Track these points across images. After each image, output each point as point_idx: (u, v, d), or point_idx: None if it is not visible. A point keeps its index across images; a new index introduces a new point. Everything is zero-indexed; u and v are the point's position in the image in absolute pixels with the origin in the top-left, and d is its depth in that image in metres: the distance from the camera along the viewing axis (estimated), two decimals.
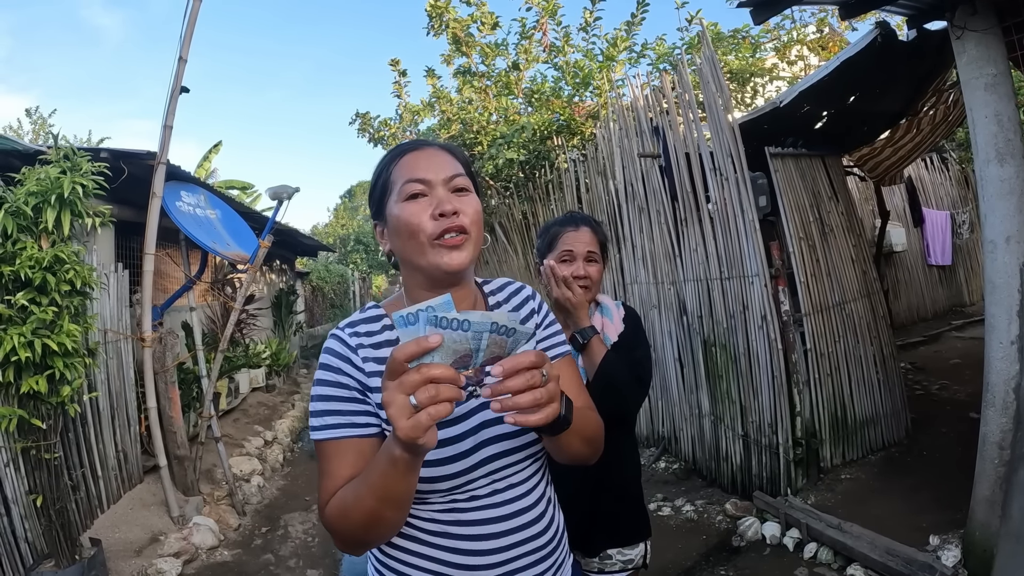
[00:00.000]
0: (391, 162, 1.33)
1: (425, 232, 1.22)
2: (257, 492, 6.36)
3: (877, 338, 5.50)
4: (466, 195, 1.29)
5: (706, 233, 5.18)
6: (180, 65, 4.91)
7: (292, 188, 5.81)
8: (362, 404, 1.24)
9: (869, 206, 10.03)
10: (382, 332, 1.30)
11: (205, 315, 9.22)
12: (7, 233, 3.82)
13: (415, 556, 1.26)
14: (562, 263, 2.08)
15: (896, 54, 4.50)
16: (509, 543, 1.25)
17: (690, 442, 5.80)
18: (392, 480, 1.05)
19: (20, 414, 3.82)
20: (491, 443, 1.26)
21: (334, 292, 24.64)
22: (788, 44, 11.40)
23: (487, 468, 1.26)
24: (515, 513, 1.27)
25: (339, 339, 1.28)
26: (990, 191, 3.39)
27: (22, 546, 3.96)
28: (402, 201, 1.26)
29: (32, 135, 18.32)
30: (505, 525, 1.26)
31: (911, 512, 4.15)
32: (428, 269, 1.24)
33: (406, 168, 1.29)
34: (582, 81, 9.99)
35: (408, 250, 1.26)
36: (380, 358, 1.26)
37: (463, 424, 1.24)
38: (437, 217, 1.22)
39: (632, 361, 2.04)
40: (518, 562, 1.26)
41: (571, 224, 2.15)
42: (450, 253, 1.22)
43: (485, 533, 1.24)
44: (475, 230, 1.26)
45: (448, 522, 1.24)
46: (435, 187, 1.25)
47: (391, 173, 1.31)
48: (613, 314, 2.15)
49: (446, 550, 1.24)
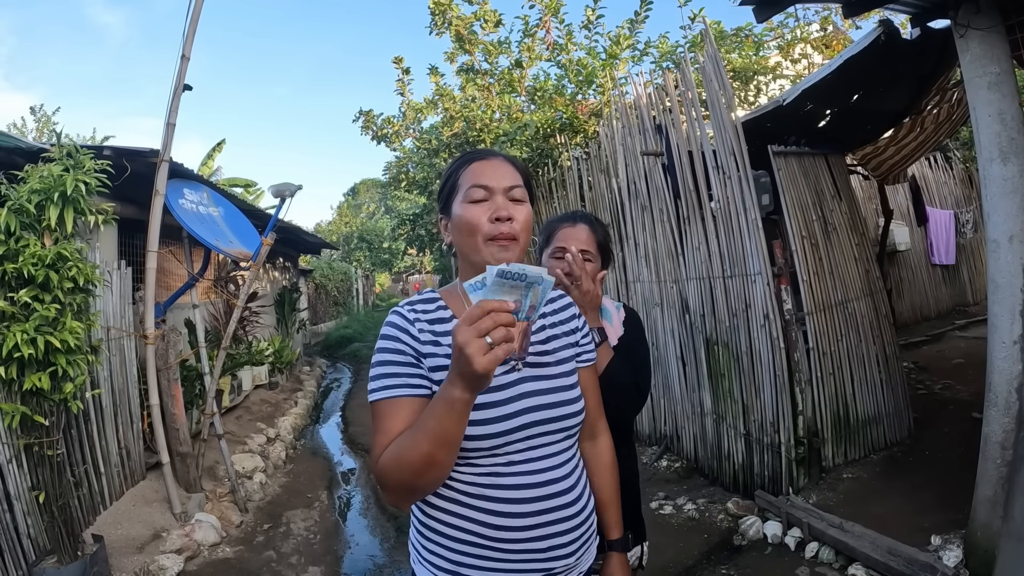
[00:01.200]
0: (461, 166, 1.54)
1: (481, 232, 1.44)
2: (259, 489, 6.36)
3: (880, 337, 5.49)
4: (521, 205, 1.49)
5: (709, 231, 5.18)
6: (183, 63, 4.92)
7: (295, 186, 5.81)
8: (416, 368, 1.43)
9: (872, 205, 10.01)
10: (436, 311, 1.51)
11: (208, 312, 9.25)
12: (10, 230, 3.83)
13: (454, 516, 1.42)
14: (554, 260, 2.03)
15: (900, 52, 4.49)
16: (542, 508, 1.40)
17: (692, 441, 5.80)
18: (448, 422, 1.22)
19: (23, 411, 3.84)
20: (530, 412, 1.43)
21: (337, 290, 24.68)
22: (791, 42, 11.38)
23: (525, 433, 1.42)
24: (549, 482, 1.43)
25: (400, 315, 1.50)
26: (993, 190, 3.38)
27: (24, 542, 3.97)
28: (466, 203, 1.47)
29: (36, 133, 18.35)
30: (539, 491, 1.41)
31: (913, 512, 4.14)
32: (480, 264, 1.39)
33: (473, 174, 1.50)
34: (585, 79, 9.98)
35: (466, 245, 1.47)
36: (433, 331, 1.47)
37: (506, 391, 1.43)
38: (493, 220, 1.44)
39: (631, 367, 2.00)
40: (549, 528, 1.41)
41: (568, 220, 2.10)
42: (500, 252, 1.43)
43: (520, 497, 1.40)
44: (523, 236, 1.47)
45: (487, 485, 1.40)
46: (496, 194, 1.47)
47: (460, 176, 1.52)
48: (613, 316, 2.12)
49: (483, 511, 1.39)
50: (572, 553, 1.45)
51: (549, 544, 1.41)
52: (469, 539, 1.40)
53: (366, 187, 43.14)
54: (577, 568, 1.50)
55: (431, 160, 11.21)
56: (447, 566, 1.42)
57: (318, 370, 14.82)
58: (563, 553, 1.43)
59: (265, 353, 10.45)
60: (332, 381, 14.77)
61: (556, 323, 1.62)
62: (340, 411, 11.29)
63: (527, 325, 1.26)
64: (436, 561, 1.45)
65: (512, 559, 1.39)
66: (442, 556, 1.43)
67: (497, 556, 1.39)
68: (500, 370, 1.43)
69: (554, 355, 1.54)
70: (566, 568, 1.45)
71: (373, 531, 5.66)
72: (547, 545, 1.40)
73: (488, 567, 1.40)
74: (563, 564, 1.44)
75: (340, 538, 5.50)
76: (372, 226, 34.37)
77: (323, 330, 21.53)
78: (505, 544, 1.38)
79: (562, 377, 1.52)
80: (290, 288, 13.68)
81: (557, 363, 1.54)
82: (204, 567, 4.74)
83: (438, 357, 1.43)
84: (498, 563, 1.39)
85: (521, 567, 1.40)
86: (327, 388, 13.80)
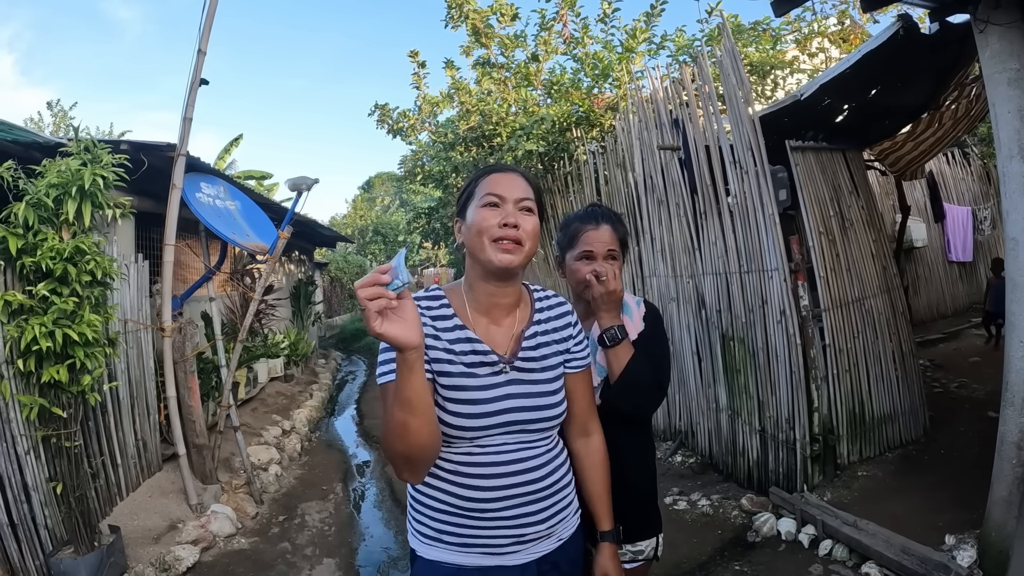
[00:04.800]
0: (480, 177, 1.69)
1: (488, 233, 1.58)
2: (275, 481, 6.41)
3: (896, 335, 5.45)
4: (530, 215, 1.64)
5: (725, 227, 5.15)
6: (199, 58, 4.94)
7: (312, 179, 5.82)
8: None
9: (890, 201, 9.94)
10: (439, 308, 1.66)
11: (224, 305, 9.31)
12: (29, 225, 3.87)
13: (436, 490, 1.61)
14: (582, 262, 2.08)
15: (918, 47, 4.44)
16: (510, 483, 1.58)
17: (707, 436, 5.79)
18: (400, 380, 1.36)
19: (41, 403, 3.88)
20: (512, 411, 1.59)
21: (352, 283, 24.71)
22: (809, 36, 11.32)
23: (504, 429, 1.59)
24: (517, 460, 1.61)
25: None
26: (1013, 187, 3.34)
27: (42, 532, 4.02)
28: (480, 207, 1.61)
29: (53, 128, 18.44)
30: (507, 468, 1.59)
31: (927, 511, 4.12)
32: (485, 262, 1.59)
33: (490, 184, 1.64)
34: (601, 73, 9.96)
35: (474, 244, 1.61)
36: (434, 326, 1.61)
37: (492, 391, 1.59)
38: (502, 226, 1.57)
39: (651, 363, 2.02)
40: (517, 500, 1.59)
41: (591, 221, 2.12)
42: (502, 254, 1.57)
43: (490, 473, 1.58)
44: (529, 243, 1.61)
45: (463, 463, 1.59)
46: (507, 203, 1.61)
47: (478, 185, 1.67)
48: (633, 312, 2.13)
49: (459, 485, 1.58)
50: (543, 521, 1.63)
51: (517, 512, 1.59)
52: (447, 508, 1.59)
53: (381, 180, 43.16)
54: (555, 534, 1.68)
55: (447, 153, 11.22)
56: (431, 532, 1.63)
57: (333, 363, 14.90)
58: (532, 520, 1.61)
59: (281, 346, 10.51)
60: (347, 374, 14.85)
61: (549, 331, 1.74)
62: (355, 404, 11.34)
63: (520, 333, 1.44)
64: (423, 529, 1.65)
65: (484, 525, 1.58)
66: (427, 524, 1.64)
67: (471, 523, 1.58)
68: (488, 371, 1.60)
69: (541, 361, 1.68)
70: (537, 534, 1.62)
71: (388, 523, 5.68)
72: (516, 513, 1.59)
73: (463, 533, 1.59)
74: (534, 531, 1.62)
75: (355, 530, 5.52)
76: (387, 219, 34.43)
77: (338, 323, 21.64)
78: (477, 513, 1.57)
79: (546, 383, 1.67)
80: (305, 281, 13.74)
81: (543, 369, 1.68)
82: (220, 558, 4.78)
83: (436, 350, 1.58)
84: (473, 528, 1.58)
85: (493, 532, 1.58)
86: (342, 381, 13.87)
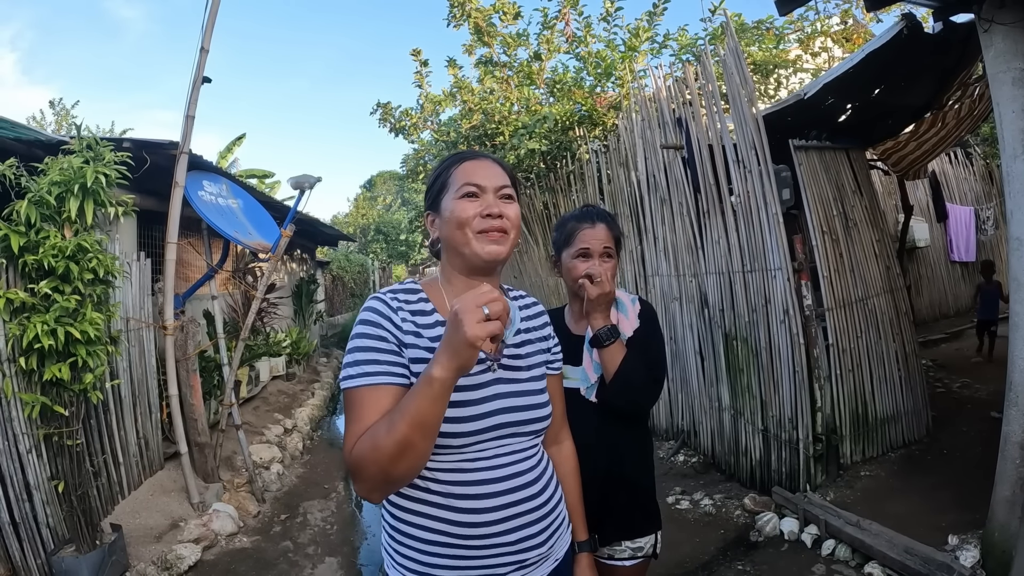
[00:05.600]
0: (452, 165, 1.57)
1: (471, 225, 1.47)
2: (276, 479, 6.41)
3: (899, 334, 5.44)
4: (511, 203, 1.54)
5: (728, 226, 5.15)
6: (202, 55, 4.94)
7: (314, 178, 5.83)
8: (398, 357, 1.42)
9: (892, 201, 9.93)
10: (418, 303, 1.52)
11: (226, 304, 9.30)
12: (31, 222, 3.87)
13: (422, 517, 1.42)
14: (578, 259, 2.10)
15: (922, 47, 4.44)
16: (508, 501, 1.42)
17: (709, 436, 5.78)
18: (426, 403, 1.21)
19: (43, 401, 3.88)
20: (502, 412, 1.46)
21: (354, 281, 24.78)
22: (812, 35, 11.32)
23: (496, 432, 1.44)
24: (513, 475, 1.45)
25: (382, 300, 1.49)
26: (1017, 187, 3.32)
27: (43, 531, 4.02)
28: (458, 198, 1.50)
29: (55, 126, 18.48)
30: (504, 485, 1.43)
31: (930, 511, 4.11)
32: (470, 256, 1.48)
33: (465, 173, 1.53)
34: (604, 72, 9.96)
35: (455, 238, 1.49)
36: (415, 322, 1.47)
37: (480, 391, 1.44)
38: (484, 216, 1.47)
39: (647, 360, 2.05)
40: (517, 520, 1.43)
41: (587, 220, 2.14)
42: (490, 245, 1.47)
43: (485, 492, 1.41)
44: (513, 232, 1.52)
45: (452, 482, 1.41)
46: (487, 192, 1.50)
47: (451, 175, 1.55)
48: (628, 310, 2.14)
49: (450, 509, 1.40)
50: (543, 543, 1.48)
51: (519, 536, 1.43)
52: (439, 539, 1.40)
53: (383, 179, 43.27)
54: (552, 556, 1.54)
55: (449, 152, 11.21)
56: (419, 568, 1.43)
57: (335, 361, 14.88)
58: (534, 543, 1.46)
59: (283, 344, 10.51)
60: None
61: (530, 329, 1.67)
62: None
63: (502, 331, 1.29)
64: (408, 564, 1.45)
65: (483, 555, 1.41)
66: (415, 559, 1.44)
67: (468, 554, 1.40)
68: (476, 369, 1.45)
69: (526, 360, 1.59)
70: (539, 558, 1.48)
71: None
72: (517, 537, 1.43)
73: (460, 565, 1.41)
74: (536, 554, 1.47)
75: (357, 529, 5.53)
76: (389, 218, 34.49)
77: (340, 322, 21.61)
78: (475, 541, 1.39)
79: (533, 381, 1.56)
80: (307, 280, 13.74)
81: (529, 368, 1.58)
82: (221, 556, 4.78)
83: (419, 349, 1.42)
84: (470, 560, 1.41)
85: (493, 561, 1.42)
86: None
